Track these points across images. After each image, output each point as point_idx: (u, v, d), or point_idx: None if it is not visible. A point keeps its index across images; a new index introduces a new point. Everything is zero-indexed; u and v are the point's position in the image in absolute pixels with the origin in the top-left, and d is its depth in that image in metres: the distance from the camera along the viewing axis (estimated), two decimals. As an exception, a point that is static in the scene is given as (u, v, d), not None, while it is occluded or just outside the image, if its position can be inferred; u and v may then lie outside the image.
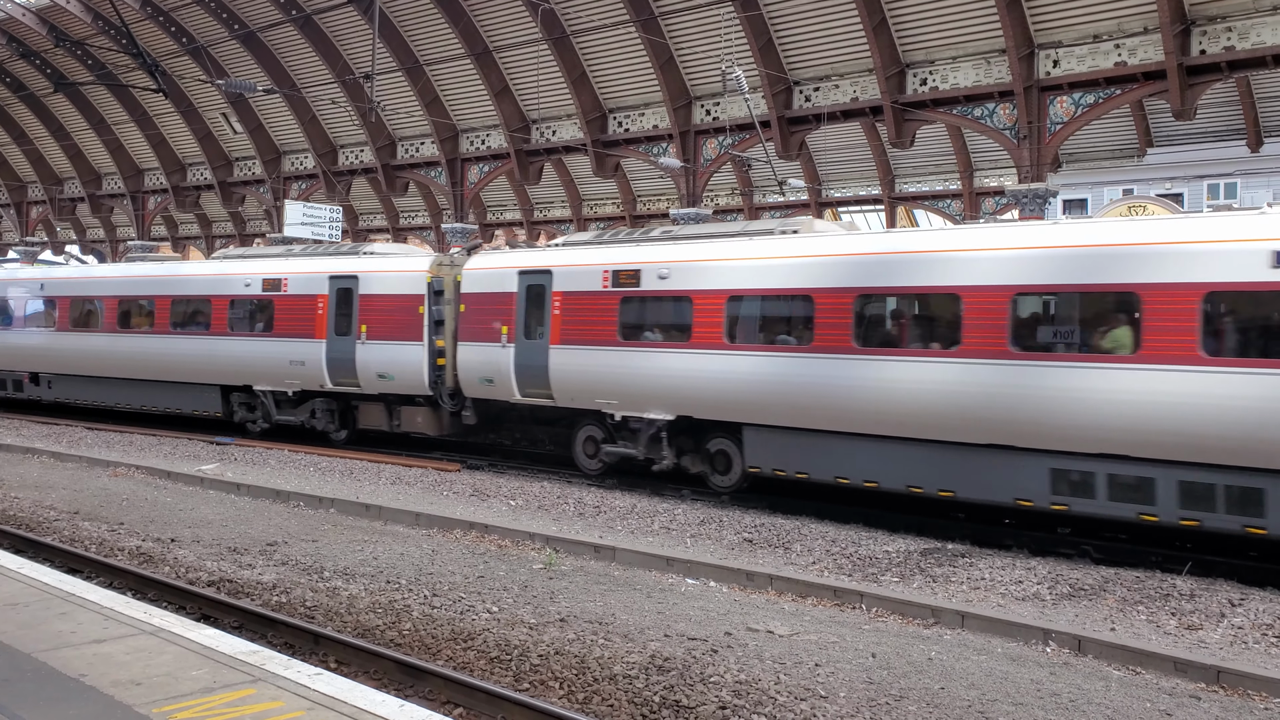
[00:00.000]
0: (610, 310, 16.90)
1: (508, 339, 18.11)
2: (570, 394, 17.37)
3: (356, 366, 20.28)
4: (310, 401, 21.72)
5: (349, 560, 12.23)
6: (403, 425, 20.34)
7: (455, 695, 7.74)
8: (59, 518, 14.54)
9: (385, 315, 20.01)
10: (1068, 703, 8.07)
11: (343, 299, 20.65)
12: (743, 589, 11.69)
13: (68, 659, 6.62)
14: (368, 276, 20.39)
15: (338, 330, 20.61)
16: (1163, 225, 12.38)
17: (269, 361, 21.59)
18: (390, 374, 19.81)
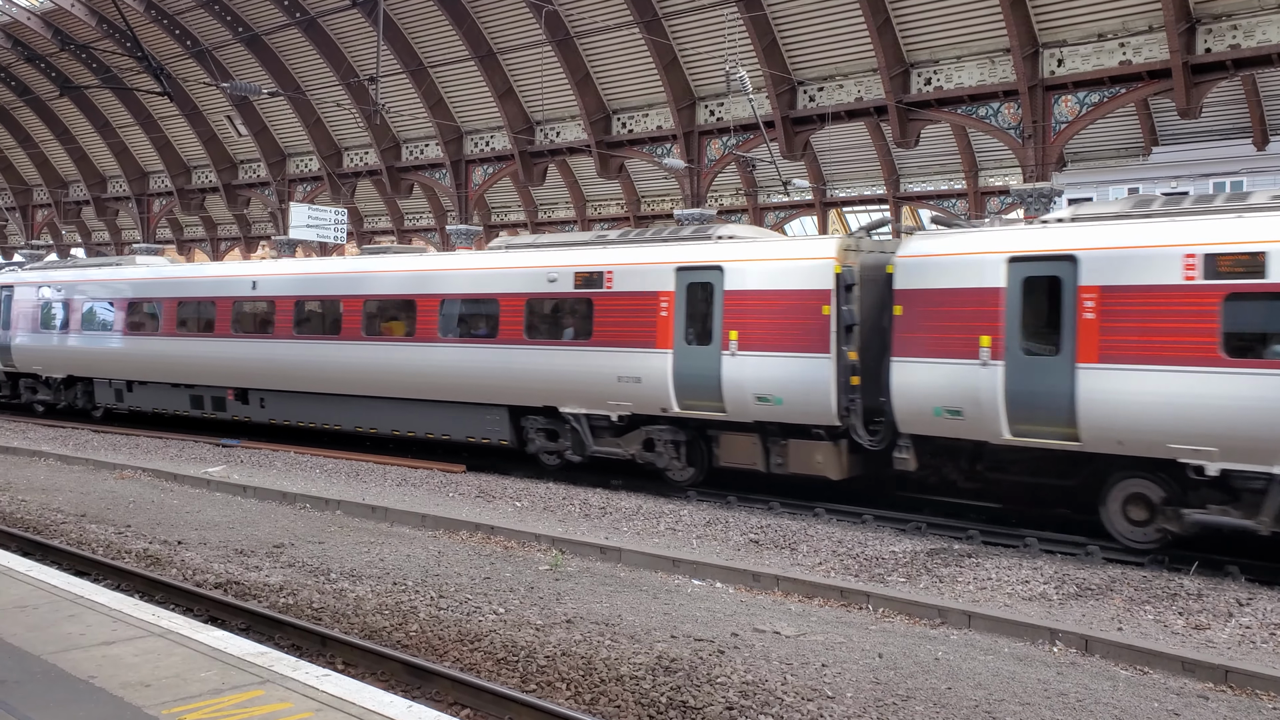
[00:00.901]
0: (1208, 315, 11.68)
1: (991, 355, 13.11)
2: (1115, 434, 12.22)
3: (722, 386, 15.52)
4: (642, 430, 16.89)
5: (355, 562, 12.25)
6: (789, 465, 15.37)
7: (462, 696, 7.75)
8: (66, 520, 14.58)
9: (768, 318, 15.26)
10: (1075, 703, 8.06)
11: (698, 297, 16.10)
12: (749, 590, 11.69)
13: (77, 661, 6.64)
14: (738, 267, 15.69)
15: (691, 338, 16.05)
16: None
17: (585, 377, 17.04)
18: (775, 396, 15.02)
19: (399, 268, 20.07)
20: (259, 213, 48.83)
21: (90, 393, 26.32)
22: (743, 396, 15.29)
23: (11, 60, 46.30)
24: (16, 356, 27.89)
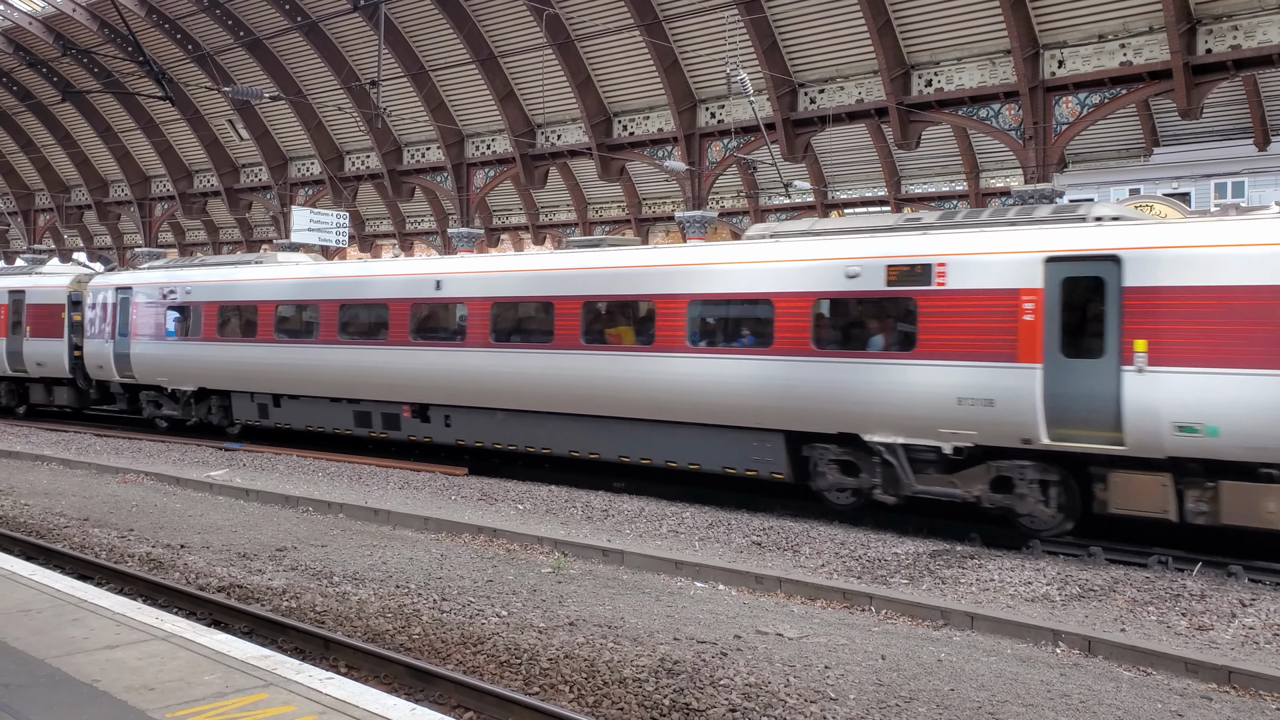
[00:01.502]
0: None
1: None
2: None
3: (1123, 411, 12.21)
4: (987, 465, 13.57)
5: (358, 565, 12.26)
6: (1220, 513, 11.90)
7: (465, 699, 7.75)
8: (69, 524, 14.59)
9: (1203, 324, 11.93)
10: (1078, 704, 8.06)
11: (1082, 294, 12.79)
12: (751, 592, 11.70)
13: (81, 665, 6.65)
14: (1149, 257, 12.32)
15: (1071, 348, 12.74)
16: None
17: (906, 399, 13.74)
18: (1208, 425, 11.72)
19: (628, 262, 16.95)
20: (261, 216, 48.88)
21: (227, 408, 23.48)
22: (1155, 425, 12.01)
23: (14, 65, 46.38)
24: (138, 367, 24.80)
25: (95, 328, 25.77)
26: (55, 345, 26.83)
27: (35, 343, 27.23)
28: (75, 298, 26.49)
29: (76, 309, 26.56)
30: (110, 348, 25.34)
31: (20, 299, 27.78)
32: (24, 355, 27.47)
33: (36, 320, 27.05)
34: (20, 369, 27.97)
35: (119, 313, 25.24)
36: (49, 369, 27.02)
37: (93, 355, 25.82)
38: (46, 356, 27.04)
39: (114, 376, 25.43)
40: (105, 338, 25.47)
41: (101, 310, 25.69)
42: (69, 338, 26.41)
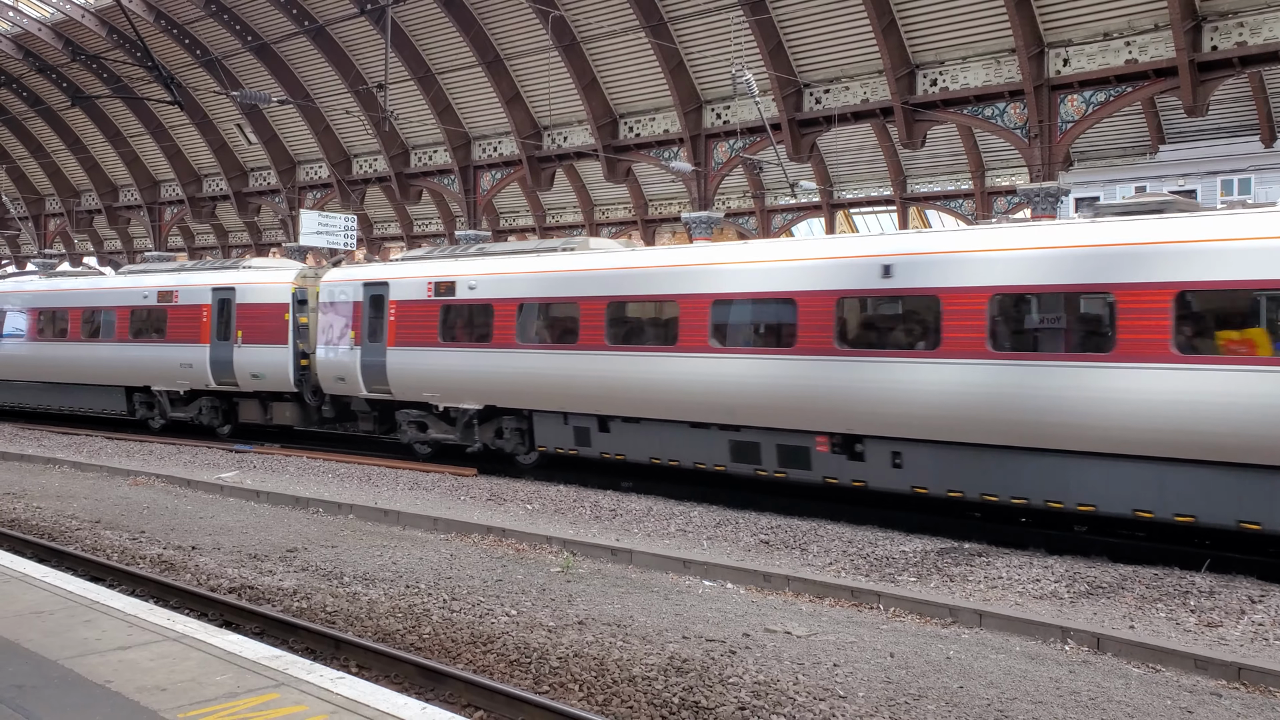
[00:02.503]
0: None
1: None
2: None
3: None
4: None
5: (368, 565, 12.30)
6: None
7: (476, 698, 7.78)
8: (81, 527, 14.66)
9: None
10: (1087, 701, 8.06)
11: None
12: (760, 590, 11.71)
13: (93, 666, 6.70)
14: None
15: None
16: None
17: None
18: None
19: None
20: (269, 220, 49.02)
21: (524, 430, 18.82)
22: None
23: (23, 71, 46.59)
24: (396, 380, 20.06)
25: (332, 332, 21.39)
26: (276, 353, 22.46)
27: (249, 351, 22.77)
28: (300, 296, 22.59)
29: (301, 310, 22.64)
30: (355, 357, 20.71)
31: (228, 299, 23.36)
32: (234, 365, 22.98)
33: (251, 324, 22.81)
34: (228, 381, 23.31)
35: (367, 314, 20.77)
36: (267, 381, 22.65)
37: (329, 366, 21.34)
38: (264, 366, 22.62)
39: (359, 391, 20.78)
40: (347, 344, 20.95)
41: (340, 311, 21.28)
42: (293, 344, 22.33)
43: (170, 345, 24.10)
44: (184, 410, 24.62)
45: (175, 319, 24.07)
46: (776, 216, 38.23)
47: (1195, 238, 11.79)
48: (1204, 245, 11.68)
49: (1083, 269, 12.38)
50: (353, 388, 21.03)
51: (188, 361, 23.66)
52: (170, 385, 24.39)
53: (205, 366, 23.46)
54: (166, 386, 24.50)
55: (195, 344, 23.48)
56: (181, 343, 23.85)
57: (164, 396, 24.75)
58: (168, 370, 24.24)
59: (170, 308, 24.22)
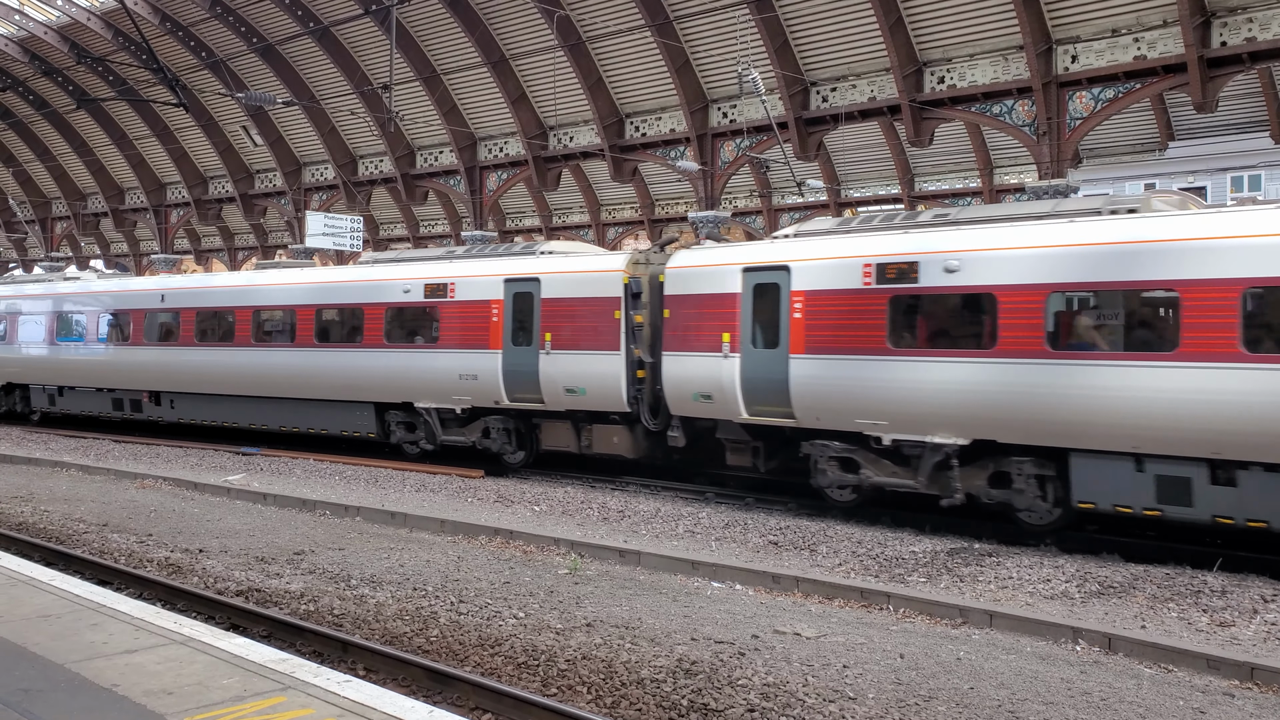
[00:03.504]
0: None
1: None
2: None
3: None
4: None
5: (376, 568, 12.28)
6: None
7: (483, 701, 7.75)
8: (88, 530, 14.67)
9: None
10: (1099, 701, 8.01)
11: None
12: (769, 591, 11.67)
13: (100, 669, 6.68)
14: None
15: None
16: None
17: None
18: None
19: None
20: (275, 222, 49.07)
21: (1046, 479, 13.30)
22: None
23: (29, 74, 46.68)
24: (806, 400, 14.88)
25: (689, 334, 16.41)
26: (603, 362, 17.54)
27: (563, 359, 18.05)
28: (634, 288, 17.55)
29: (634, 305, 17.63)
30: (730, 367, 15.70)
31: (529, 292, 18.66)
32: (540, 377, 18.26)
33: (566, 324, 18.18)
34: (528, 397, 18.60)
35: (750, 309, 15.80)
36: (589, 398, 17.76)
37: (684, 378, 16.33)
38: (585, 378, 17.76)
39: (735, 413, 15.82)
40: (715, 350, 15.95)
41: (703, 306, 16.32)
42: (627, 350, 17.31)
43: (443, 352, 19.50)
44: (459, 432, 19.89)
45: (451, 319, 19.52)
46: (783, 215, 38.16)
47: None
48: None
49: None
50: (725, 408, 15.90)
51: (470, 372, 19.04)
52: (443, 401, 19.66)
53: (496, 378, 18.75)
54: (436, 403, 19.75)
55: (480, 350, 18.93)
56: (460, 348, 19.27)
57: (433, 415, 19.91)
58: (439, 383, 19.58)
59: (444, 304, 19.61)
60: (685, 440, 17.20)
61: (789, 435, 15.63)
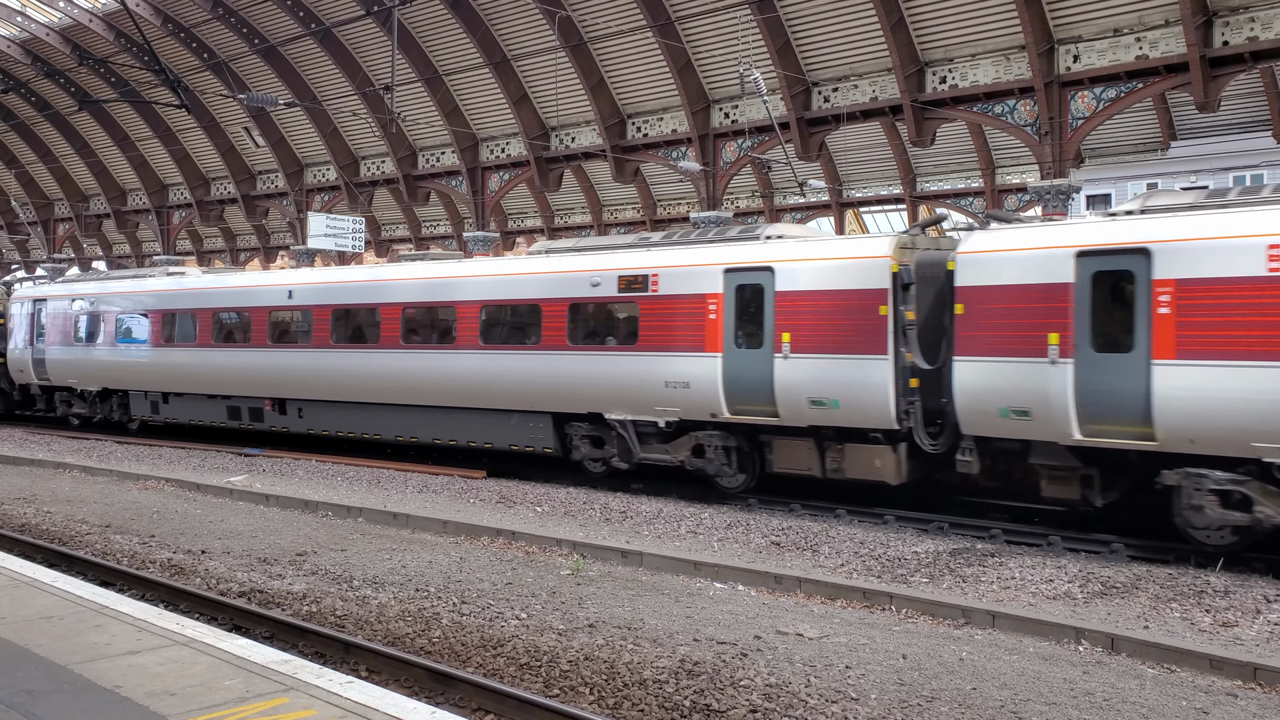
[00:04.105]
0: None
1: None
2: None
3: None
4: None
5: (378, 569, 12.28)
6: None
7: (486, 702, 7.76)
8: (91, 531, 14.68)
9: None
10: (1102, 702, 8.00)
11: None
12: (771, 592, 11.66)
13: (103, 670, 6.68)
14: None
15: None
16: None
17: None
18: None
19: None
20: (277, 223, 49.10)
21: None
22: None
23: (31, 76, 46.72)
24: (1190, 417, 11.87)
25: (997, 336, 13.32)
26: (864, 369, 14.47)
27: (805, 364, 14.96)
28: (904, 278, 14.47)
29: (904, 300, 14.50)
30: (1064, 377, 12.68)
31: (760, 285, 15.65)
32: (775, 386, 15.17)
33: (810, 321, 15.05)
34: (757, 409, 15.53)
35: (1104, 306, 12.76)
36: (846, 411, 14.63)
37: (993, 391, 13.26)
38: (838, 388, 14.63)
39: (1067, 433, 12.74)
40: (1038, 356, 12.90)
41: (1019, 300, 13.21)
42: (896, 354, 14.32)
43: (643, 355, 16.72)
44: (661, 449, 16.93)
45: (654, 316, 16.76)
46: (785, 216, 38.16)
47: None
48: None
49: None
50: (1049, 426, 12.87)
51: (679, 379, 16.25)
52: (641, 413, 16.82)
53: (715, 386, 15.85)
54: (633, 415, 16.92)
55: (693, 353, 16.14)
56: (665, 351, 16.46)
57: (628, 429, 17.08)
58: (638, 391, 16.78)
59: (644, 300, 16.86)
60: (981, 465, 13.91)
61: (1135, 460, 12.80)
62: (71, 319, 27.60)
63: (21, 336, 29.06)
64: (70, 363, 27.61)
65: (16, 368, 29.29)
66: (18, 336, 29.20)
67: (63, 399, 28.67)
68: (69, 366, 27.69)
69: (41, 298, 28.90)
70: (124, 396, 26.75)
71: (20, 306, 29.47)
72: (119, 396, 26.89)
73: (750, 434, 16.02)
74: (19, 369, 29.24)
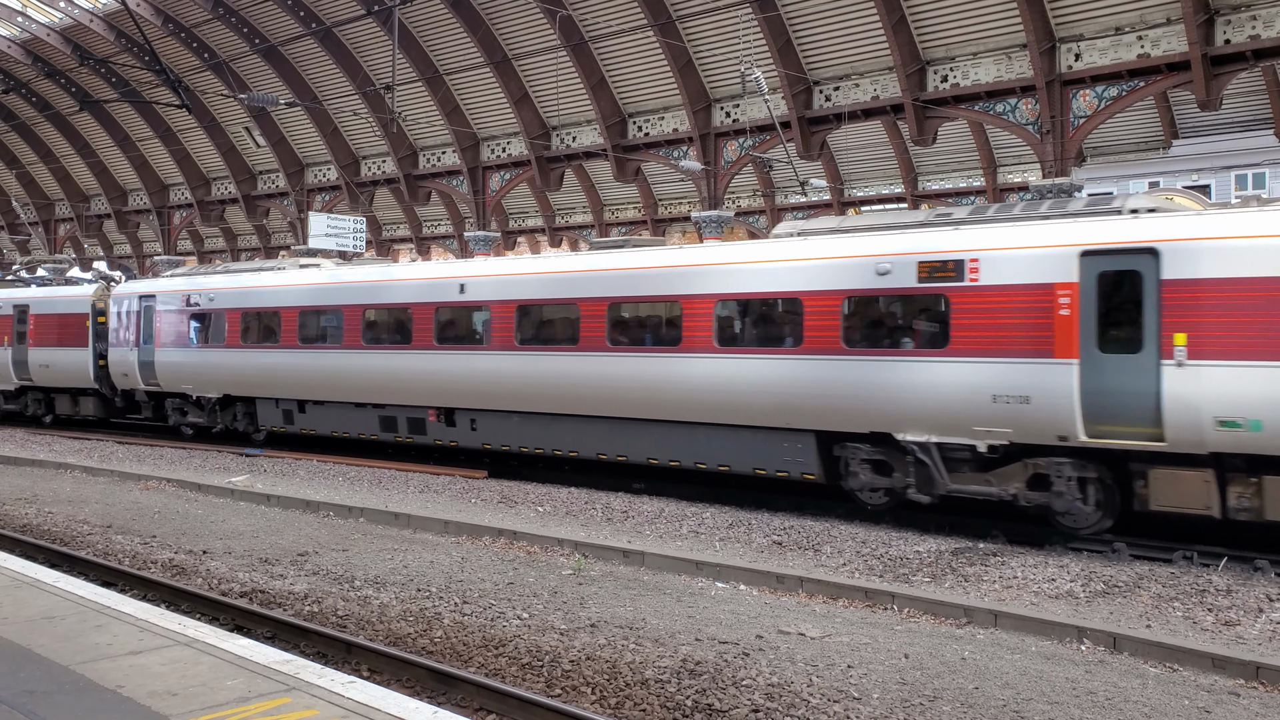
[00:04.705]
0: None
1: None
2: None
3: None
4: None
5: (379, 569, 12.28)
6: None
7: (487, 702, 7.75)
8: (93, 532, 14.68)
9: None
10: (1104, 701, 7.99)
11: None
12: (773, 592, 11.66)
13: (105, 671, 6.68)
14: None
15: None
16: None
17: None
18: None
19: None
20: (278, 223, 49.14)
21: None
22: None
23: (32, 76, 46.76)
24: None
25: None
26: None
27: (1214, 374, 11.72)
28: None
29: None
30: None
31: (1135, 271, 12.43)
32: (1164, 400, 11.94)
33: (1222, 320, 11.80)
34: (1128, 430, 12.27)
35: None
36: (1271, 434, 11.44)
37: None
38: (1266, 405, 11.43)
39: None
40: None
41: None
42: None
43: (957, 360, 13.47)
44: (980, 479, 13.62)
45: (973, 311, 13.51)
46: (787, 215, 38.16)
47: None
48: None
49: None
50: None
51: (1015, 391, 12.97)
52: (953, 434, 13.55)
53: (1069, 401, 12.57)
54: (939, 436, 13.65)
55: (1035, 358, 12.84)
56: (992, 355, 13.21)
57: (933, 454, 13.76)
58: (950, 405, 13.51)
59: (957, 291, 13.62)
60: None
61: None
62: (188, 317, 24.59)
63: (126, 337, 26.05)
64: (186, 366, 24.61)
65: (120, 371, 26.29)
66: (122, 336, 26.21)
67: (175, 406, 25.59)
68: (184, 370, 24.67)
69: (150, 294, 25.81)
70: (249, 405, 23.69)
71: (124, 304, 26.34)
72: (243, 405, 23.86)
73: (1114, 462, 12.77)
74: (123, 372, 26.21)
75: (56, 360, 28.10)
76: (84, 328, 27.45)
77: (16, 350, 29.14)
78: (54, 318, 28.22)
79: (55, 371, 28.21)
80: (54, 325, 28.17)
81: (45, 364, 28.42)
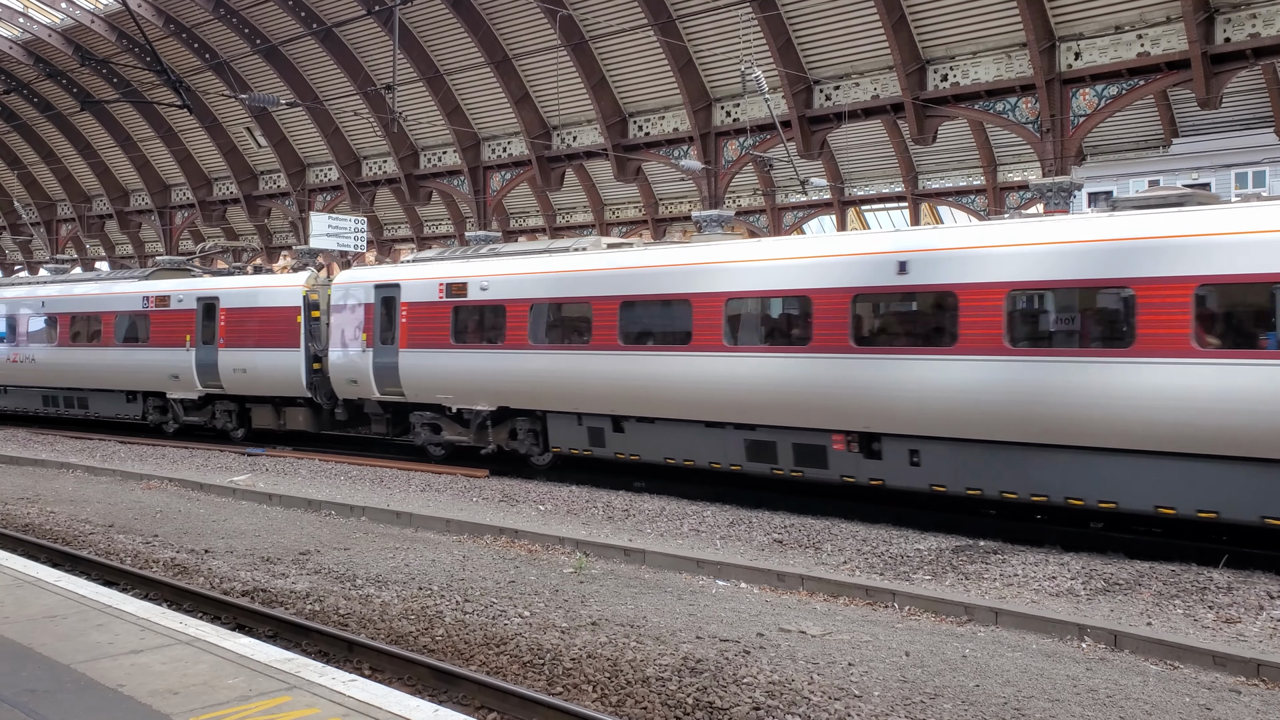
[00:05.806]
0: None
1: None
2: None
3: None
4: None
5: (381, 568, 12.29)
6: None
7: (489, 700, 7.76)
8: (94, 531, 14.70)
9: None
10: (1105, 698, 8.00)
11: None
12: (774, 590, 11.66)
13: (106, 669, 6.69)
14: None
15: None
16: None
17: None
18: None
19: None
20: (279, 223, 49.16)
21: None
22: None
23: (33, 77, 46.78)
24: None
25: None
26: None
27: None
28: None
29: None
30: None
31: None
32: None
33: None
34: None
35: None
36: None
37: None
38: None
39: None
40: None
41: None
42: None
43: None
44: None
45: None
46: (787, 214, 38.17)
47: None
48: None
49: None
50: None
51: None
52: None
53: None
54: None
55: None
56: None
57: None
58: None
59: None
60: None
61: None
62: (449, 311, 19.72)
63: (355, 335, 21.32)
64: (445, 371, 19.70)
65: (344, 377, 21.44)
66: (348, 335, 21.46)
67: (425, 421, 20.73)
68: (441, 376, 19.75)
69: (391, 283, 20.81)
70: (535, 420, 18.80)
71: (351, 295, 21.55)
72: (526, 420, 18.93)
73: None
74: (349, 379, 21.35)
75: (257, 364, 23.23)
76: (294, 324, 22.62)
77: (202, 352, 24.19)
78: (254, 312, 23.50)
79: (254, 377, 23.34)
80: (254, 322, 23.42)
81: (241, 368, 23.52)
